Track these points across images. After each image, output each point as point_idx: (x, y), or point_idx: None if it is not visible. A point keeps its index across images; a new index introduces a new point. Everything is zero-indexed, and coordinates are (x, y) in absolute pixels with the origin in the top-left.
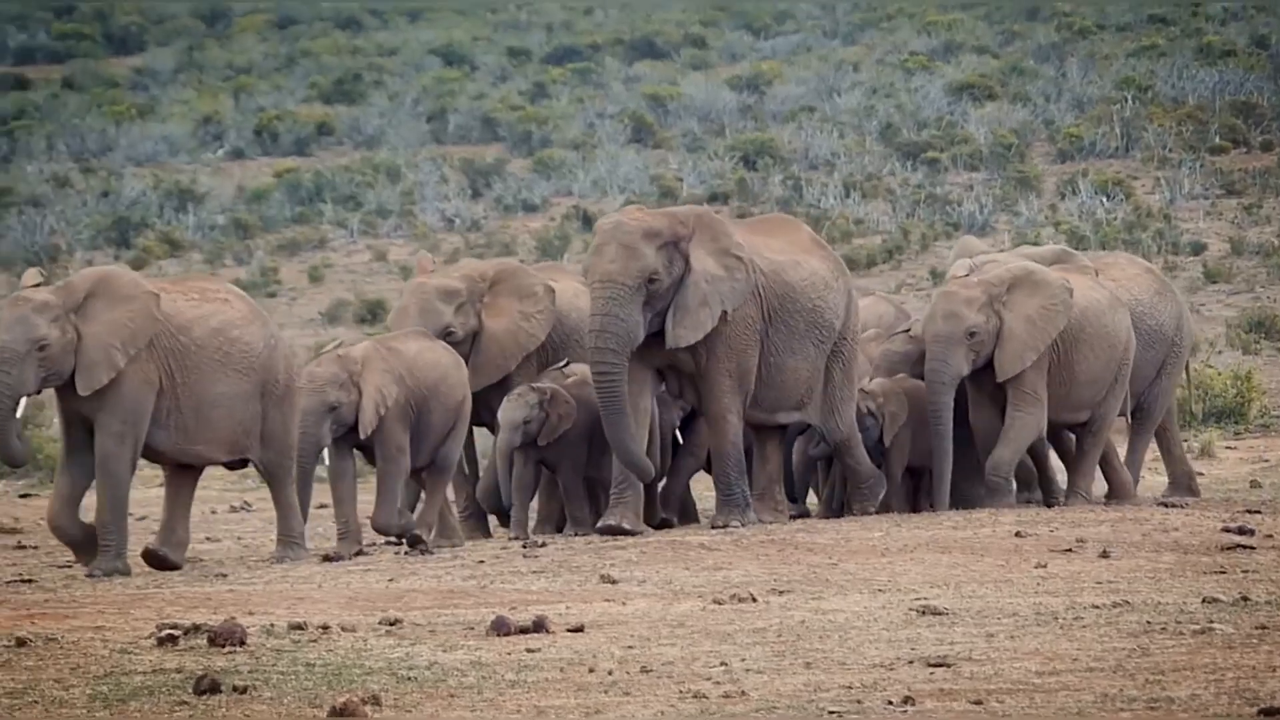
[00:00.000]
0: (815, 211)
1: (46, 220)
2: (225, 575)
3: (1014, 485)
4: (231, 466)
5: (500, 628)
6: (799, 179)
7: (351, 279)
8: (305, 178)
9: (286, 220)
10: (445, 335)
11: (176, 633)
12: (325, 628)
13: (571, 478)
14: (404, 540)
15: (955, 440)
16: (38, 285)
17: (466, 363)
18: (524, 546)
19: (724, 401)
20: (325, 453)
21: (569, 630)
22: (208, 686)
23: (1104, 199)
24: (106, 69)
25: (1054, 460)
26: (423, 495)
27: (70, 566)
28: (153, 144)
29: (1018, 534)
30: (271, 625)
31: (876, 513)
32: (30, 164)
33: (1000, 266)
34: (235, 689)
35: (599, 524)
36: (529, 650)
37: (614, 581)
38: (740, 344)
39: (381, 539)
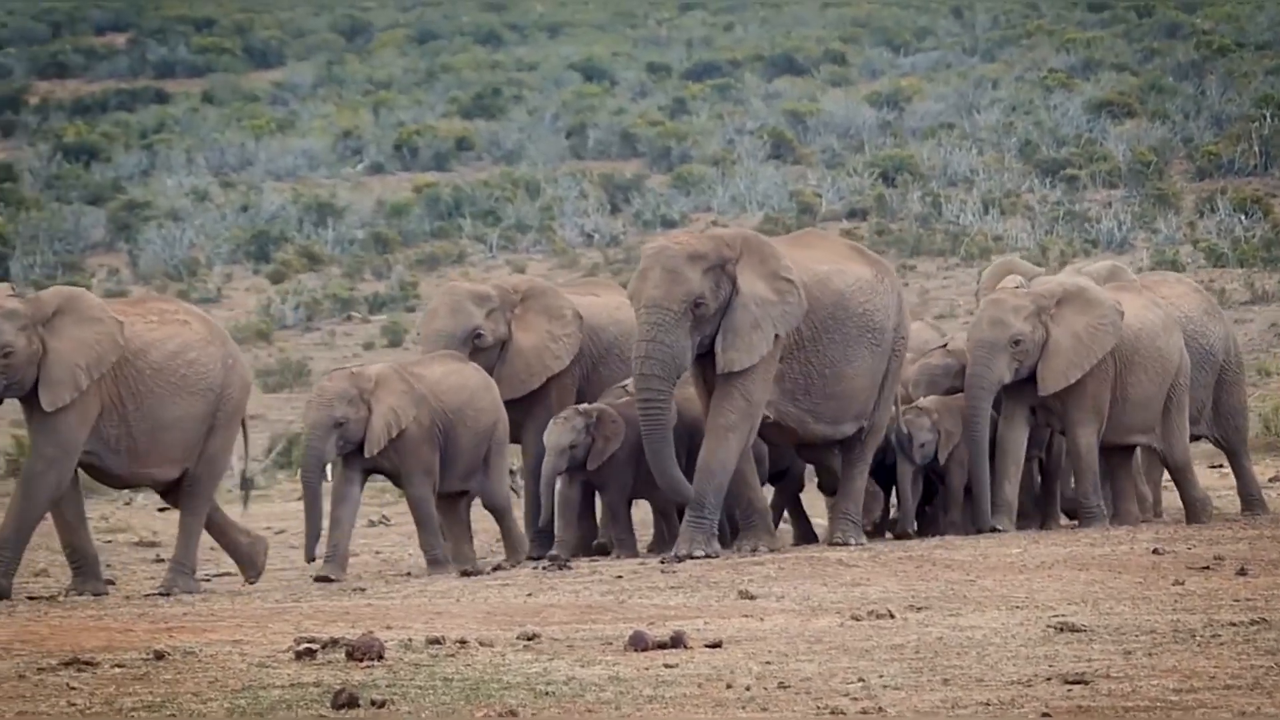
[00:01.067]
0: (954, 228)
1: (186, 234)
2: (363, 590)
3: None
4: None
5: (638, 643)
6: (937, 195)
7: None
8: (444, 192)
9: (425, 235)
10: (474, 338)
11: (314, 646)
12: (463, 642)
13: (618, 500)
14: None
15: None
16: (9, 295)
17: (491, 373)
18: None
19: (731, 418)
20: (329, 469)
21: (707, 646)
22: (345, 701)
23: (1242, 217)
24: (246, 83)
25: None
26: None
27: (209, 580)
28: (292, 158)
29: (1155, 551)
30: (409, 640)
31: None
32: (170, 178)
33: (1053, 280)
34: (373, 703)
35: (674, 551)
36: (667, 665)
37: (752, 597)
38: (760, 372)
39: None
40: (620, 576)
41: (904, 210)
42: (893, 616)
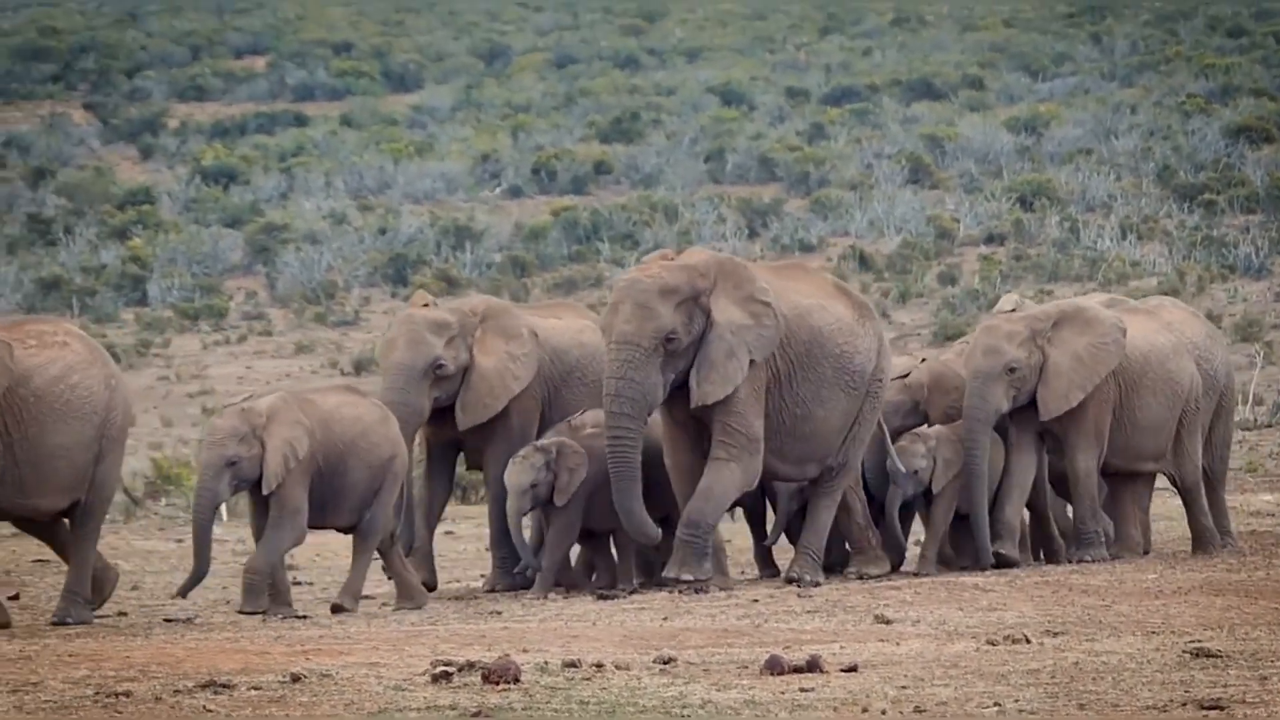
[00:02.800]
0: (1091, 253)
1: (323, 257)
2: (500, 612)
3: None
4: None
5: (774, 667)
6: (1075, 220)
7: None
8: (582, 216)
9: (563, 258)
10: (436, 369)
11: (451, 669)
12: (599, 666)
13: (562, 534)
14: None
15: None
16: None
17: (455, 400)
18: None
19: (733, 449)
20: (223, 510)
21: (843, 670)
22: None
23: None
24: (385, 106)
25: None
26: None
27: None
28: (430, 181)
29: None
30: (546, 663)
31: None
32: (308, 200)
33: (1052, 303)
34: None
35: (666, 572)
36: (803, 690)
37: (888, 621)
38: (745, 398)
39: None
40: (756, 600)
41: (1042, 235)
42: (1029, 641)
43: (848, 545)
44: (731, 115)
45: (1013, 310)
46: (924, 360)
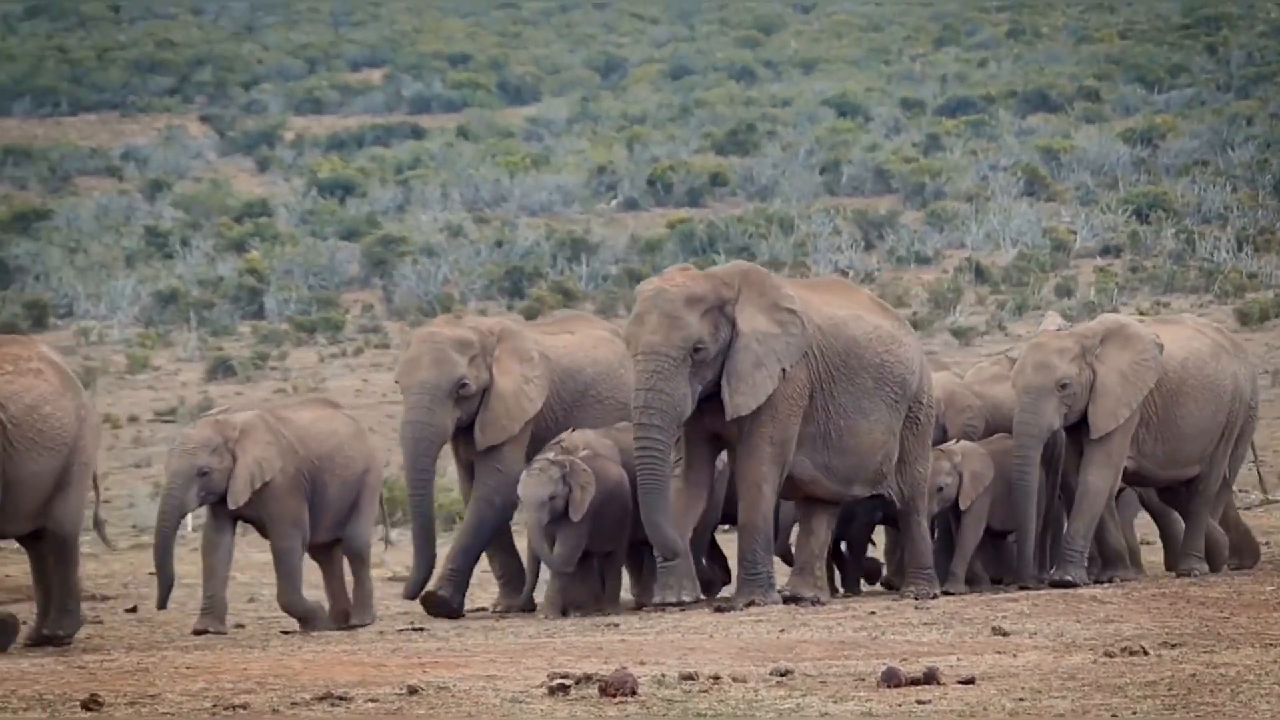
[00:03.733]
0: (1207, 265)
1: (440, 269)
2: (617, 625)
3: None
4: (23, 540)
5: (891, 679)
6: (1192, 233)
7: None
8: (698, 228)
9: None
10: (460, 387)
11: (568, 682)
12: (716, 678)
13: (568, 553)
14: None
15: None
16: None
17: (474, 419)
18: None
19: (761, 470)
20: (188, 520)
21: (960, 682)
22: None
23: None
24: (501, 119)
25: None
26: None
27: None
28: (546, 194)
29: None
30: (663, 675)
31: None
32: (424, 213)
33: (1096, 320)
34: None
35: (655, 598)
36: (919, 702)
37: (1005, 633)
38: (785, 410)
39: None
40: (873, 613)
41: (1158, 247)
42: (1146, 653)
43: (793, 563)
44: (847, 127)
45: (1058, 329)
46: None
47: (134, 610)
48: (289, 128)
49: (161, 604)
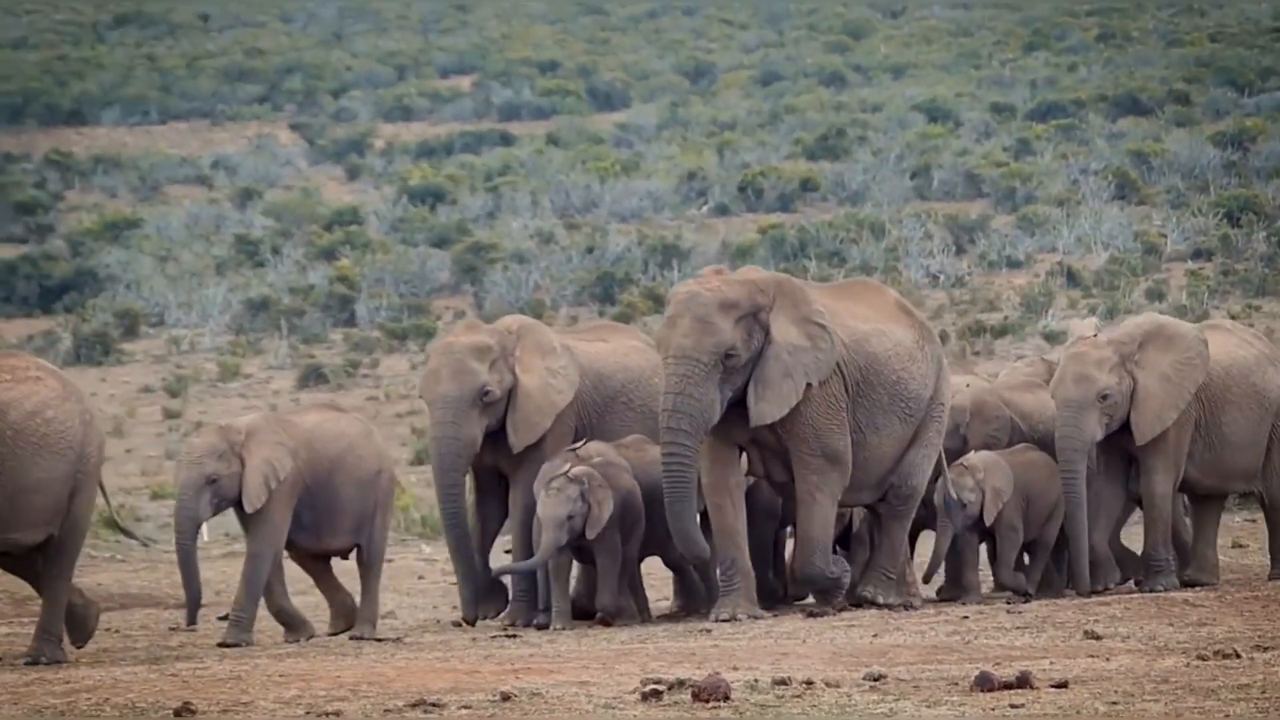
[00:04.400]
0: None
1: (531, 276)
2: (709, 630)
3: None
4: (36, 548)
5: (984, 683)
6: None
7: None
8: (789, 233)
9: None
10: (483, 395)
11: (661, 688)
12: (809, 683)
13: (611, 565)
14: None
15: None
16: None
17: (502, 422)
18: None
19: (813, 480)
20: (204, 529)
21: (1053, 686)
22: None
23: None
24: (591, 125)
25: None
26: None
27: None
28: (637, 200)
29: None
30: (755, 680)
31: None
32: (515, 220)
33: (1129, 323)
34: None
35: (712, 616)
36: (1013, 706)
37: (1098, 637)
38: (824, 423)
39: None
40: (966, 617)
41: (1249, 250)
42: (1239, 656)
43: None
44: (937, 131)
45: (1094, 334)
46: (968, 384)
47: (226, 618)
48: (378, 135)
49: (191, 620)
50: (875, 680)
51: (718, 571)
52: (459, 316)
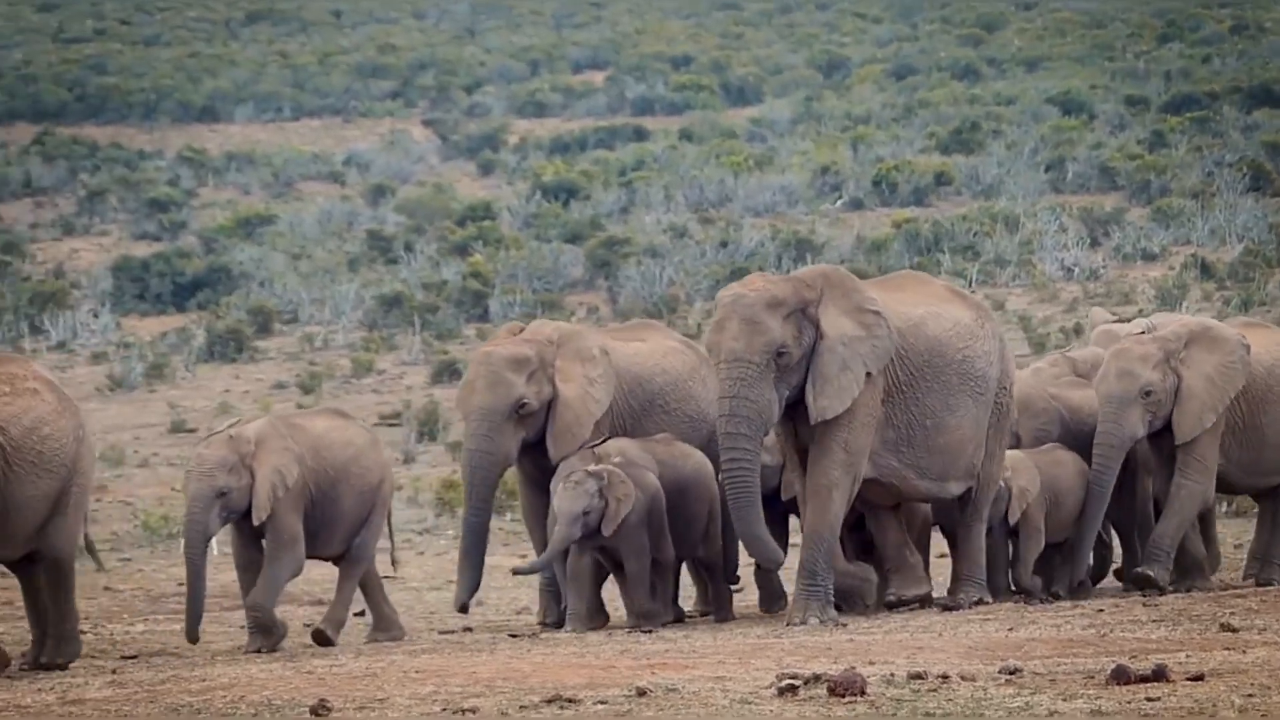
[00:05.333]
0: None
1: (665, 271)
2: (845, 625)
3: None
4: (13, 565)
5: (1120, 676)
6: None
7: None
8: (923, 227)
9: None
10: (519, 408)
11: (796, 683)
12: (945, 677)
13: (638, 567)
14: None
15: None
16: None
17: (544, 433)
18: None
19: (833, 475)
20: (213, 543)
21: (1189, 679)
22: None
23: None
24: (725, 120)
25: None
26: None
27: (691, 617)
28: (771, 194)
29: None
30: (891, 675)
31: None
32: (649, 214)
33: (1177, 322)
34: None
35: (786, 620)
36: (1149, 699)
37: (1234, 630)
38: (861, 418)
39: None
40: (1102, 610)
41: None
42: None
43: (885, 565)
44: (1072, 124)
45: (1143, 332)
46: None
47: (361, 614)
48: (512, 131)
49: (192, 635)
50: (1011, 674)
51: (798, 574)
52: (592, 312)
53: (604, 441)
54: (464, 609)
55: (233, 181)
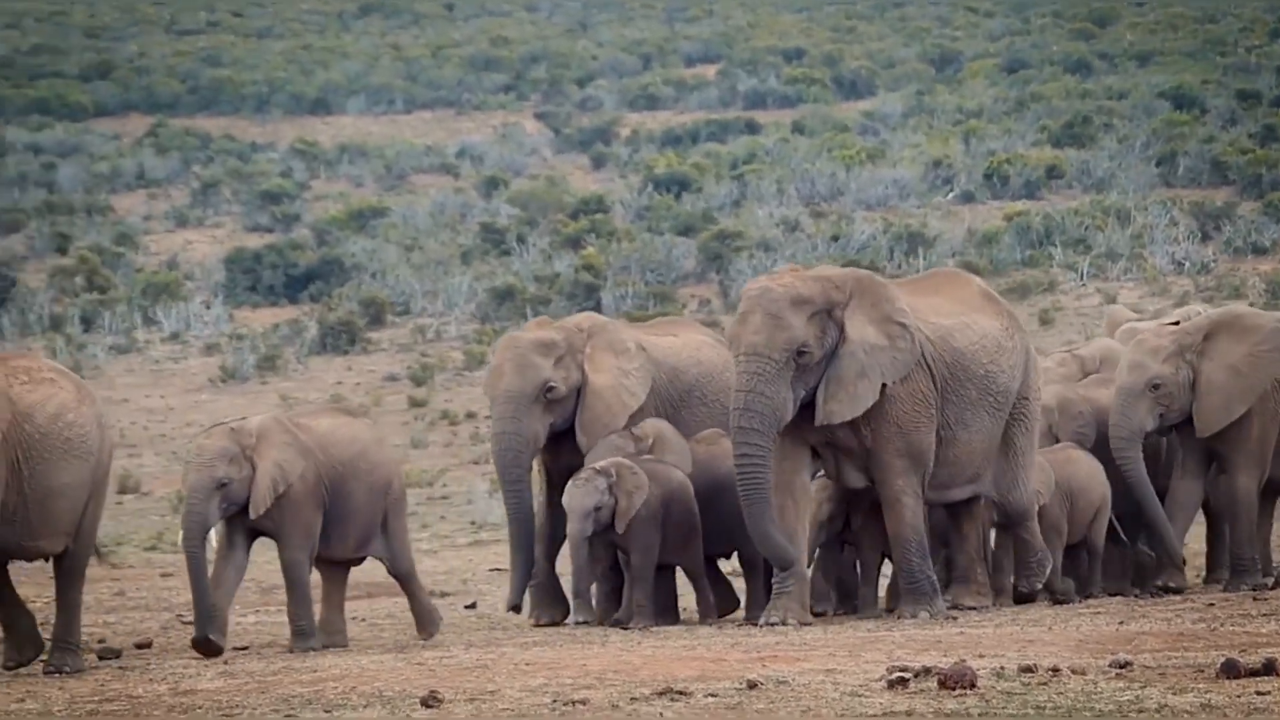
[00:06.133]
0: None
1: (777, 264)
2: (955, 618)
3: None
4: (52, 558)
5: (1230, 670)
6: None
7: (1081, 322)
8: (1035, 221)
9: (1016, 263)
10: (546, 392)
11: (907, 675)
12: (1055, 670)
13: (643, 562)
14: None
15: None
16: None
17: (572, 423)
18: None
19: (898, 484)
20: (212, 535)
21: None
22: None
23: None
24: (837, 113)
25: None
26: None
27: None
28: (883, 188)
29: None
30: (1001, 668)
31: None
32: (761, 208)
33: (1205, 313)
34: None
35: (761, 620)
36: (1259, 693)
37: None
38: (911, 421)
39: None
40: (1212, 604)
41: None
42: None
43: (951, 572)
44: (1183, 119)
45: (1174, 323)
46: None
47: (473, 606)
48: (624, 124)
49: (201, 630)
50: (1121, 667)
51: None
52: (704, 305)
53: (645, 423)
54: (516, 609)
55: (345, 174)
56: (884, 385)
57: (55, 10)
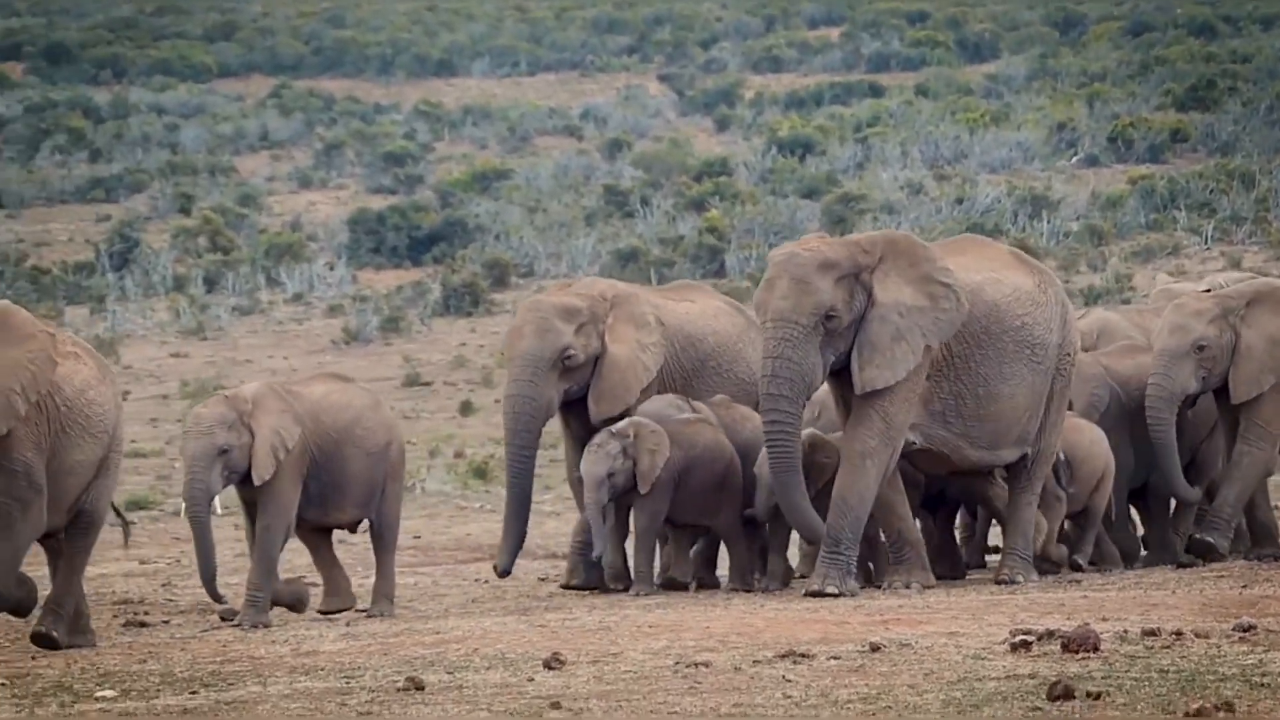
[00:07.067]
0: None
1: (900, 227)
2: (1079, 581)
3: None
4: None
5: None
6: None
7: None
8: (1159, 185)
9: (1140, 227)
10: (565, 358)
11: (1030, 638)
12: (1179, 634)
13: (647, 525)
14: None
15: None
16: None
17: (588, 390)
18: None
19: (869, 443)
20: (216, 502)
21: None
22: (1061, 693)
23: None
24: (960, 76)
25: None
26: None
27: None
28: (1006, 151)
29: None
30: (1125, 631)
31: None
32: (884, 171)
33: (1248, 280)
34: (1089, 695)
35: (884, 584)
36: None
37: None
38: (905, 390)
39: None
40: None
41: None
42: None
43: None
44: None
45: (1208, 289)
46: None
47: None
48: (748, 86)
49: (212, 594)
50: (1245, 631)
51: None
52: None
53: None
54: (506, 573)
55: (469, 135)
56: (927, 347)
57: None
